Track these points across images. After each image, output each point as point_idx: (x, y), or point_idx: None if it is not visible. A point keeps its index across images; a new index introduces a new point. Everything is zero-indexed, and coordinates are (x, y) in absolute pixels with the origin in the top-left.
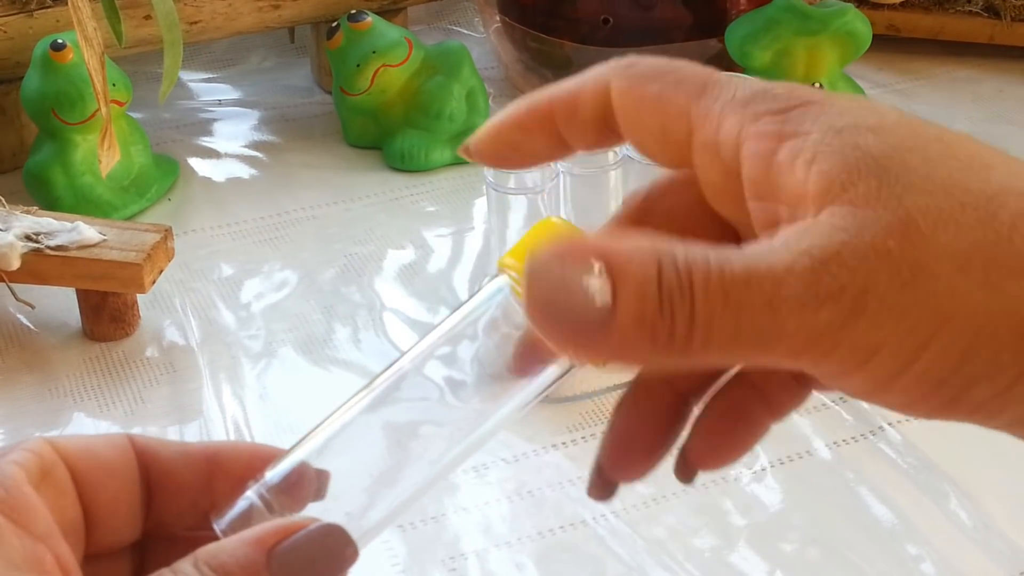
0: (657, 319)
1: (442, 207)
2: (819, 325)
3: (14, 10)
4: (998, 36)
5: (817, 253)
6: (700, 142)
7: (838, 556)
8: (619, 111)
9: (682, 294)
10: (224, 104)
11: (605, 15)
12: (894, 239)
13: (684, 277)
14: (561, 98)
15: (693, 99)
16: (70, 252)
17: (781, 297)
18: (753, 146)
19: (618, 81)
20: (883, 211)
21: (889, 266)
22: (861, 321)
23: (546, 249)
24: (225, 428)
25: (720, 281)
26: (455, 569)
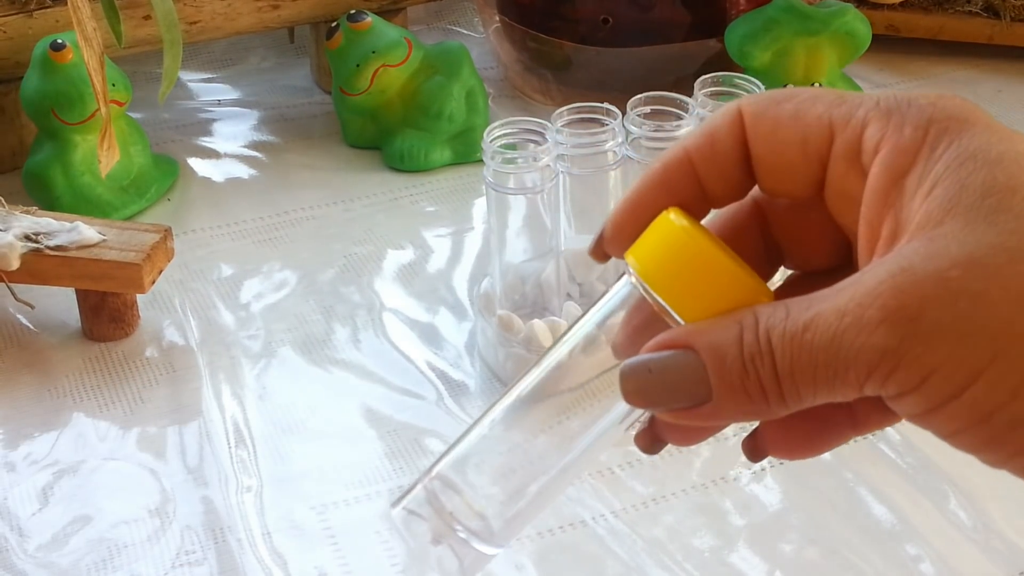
0: (746, 381)
1: (441, 207)
2: (877, 346)
3: (13, 10)
4: (997, 36)
5: (876, 281)
6: (841, 146)
7: (837, 556)
8: (755, 134)
9: (762, 355)
10: (223, 104)
11: (604, 15)
12: (958, 269)
13: (763, 338)
14: (696, 141)
15: (834, 107)
16: (69, 252)
17: (843, 327)
18: (888, 158)
19: (750, 107)
20: (955, 245)
21: (947, 294)
22: (916, 344)
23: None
24: (224, 428)
25: (793, 331)
26: None
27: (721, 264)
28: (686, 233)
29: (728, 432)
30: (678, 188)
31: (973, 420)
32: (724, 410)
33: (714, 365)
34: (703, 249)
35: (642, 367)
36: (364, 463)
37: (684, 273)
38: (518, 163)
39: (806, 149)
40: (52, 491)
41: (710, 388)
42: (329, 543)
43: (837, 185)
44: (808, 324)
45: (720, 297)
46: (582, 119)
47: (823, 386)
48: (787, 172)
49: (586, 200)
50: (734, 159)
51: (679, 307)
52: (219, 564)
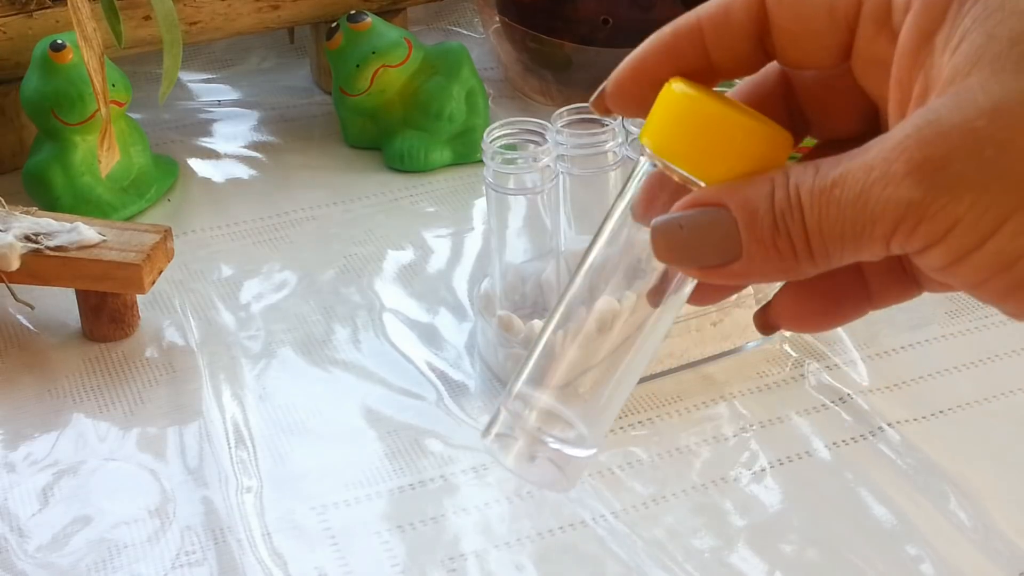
0: (776, 238)
1: (441, 208)
2: (903, 199)
3: (13, 10)
4: None
5: (903, 135)
6: (870, 7)
7: (838, 557)
8: (776, 6)
9: (791, 210)
10: (223, 105)
11: (605, 15)
12: (984, 119)
13: (793, 195)
14: (710, 9)
15: None
16: (69, 253)
17: (871, 181)
18: (918, 15)
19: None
20: (982, 94)
21: (973, 143)
22: (941, 195)
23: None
24: (224, 428)
25: (822, 187)
26: (455, 570)
27: (735, 122)
28: (692, 99)
29: (728, 432)
30: (684, 55)
31: (997, 268)
32: (754, 267)
33: (745, 221)
34: (713, 110)
35: (673, 223)
36: (364, 463)
37: (700, 139)
38: (518, 163)
39: (834, 14)
40: (52, 492)
41: (741, 245)
42: (329, 543)
43: (866, 50)
44: (837, 180)
45: (740, 154)
46: (582, 119)
47: (851, 242)
48: (813, 40)
49: (586, 200)
50: (747, 32)
51: (701, 172)
52: (219, 564)
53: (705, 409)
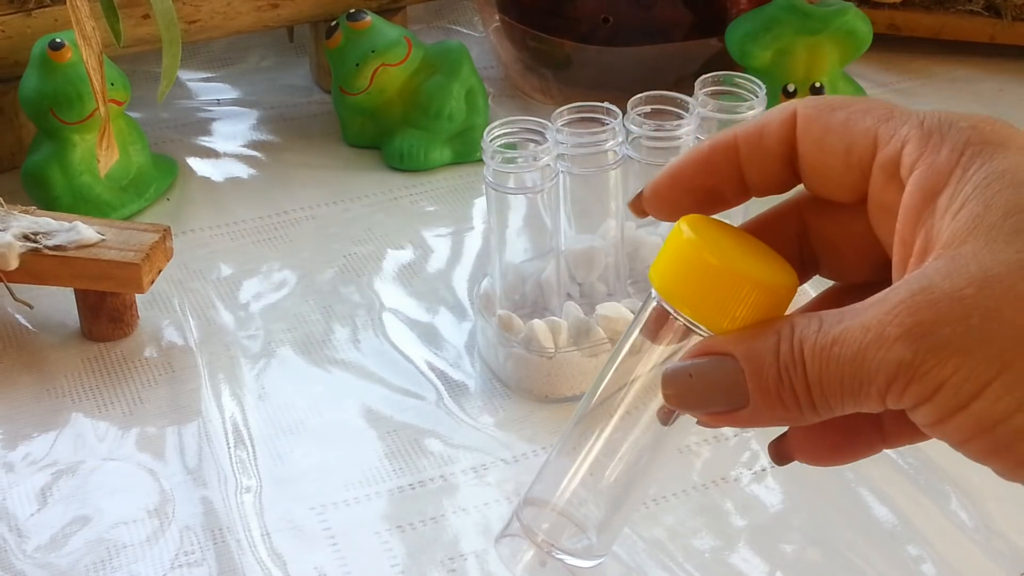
0: (781, 389)
1: (441, 207)
2: (894, 360)
3: (12, 9)
4: (999, 35)
5: (898, 300)
6: (882, 160)
7: (838, 557)
8: (804, 136)
9: (795, 365)
10: (223, 104)
11: (605, 14)
12: (973, 287)
13: (796, 349)
14: (747, 129)
15: (881, 121)
16: (68, 252)
17: (867, 342)
18: (923, 177)
19: (805, 110)
20: (973, 263)
21: (961, 310)
22: (930, 358)
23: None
24: (224, 428)
25: (823, 345)
26: (454, 570)
27: (740, 278)
28: (699, 249)
29: (728, 432)
30: (719, 169)
31: (979, 430)
32: (760, 415)
33: (752, 372)
34: (719, 265)
35: (682, 372)
36: (364, 463)
37: (705, 292)
38: (518, 163)
39: (849, 158)
40: (51, 491)
41: (747, 394)
42: (329, 543)
43: (877, 197)
44: (837, 338)
45: (746, 307)
46: (582, 118)
47: (849, 397)
48: (831, 177)
49: (586, 200)
50: (779, 155)
51: (707, 323)
52: (218, 565)
53: None
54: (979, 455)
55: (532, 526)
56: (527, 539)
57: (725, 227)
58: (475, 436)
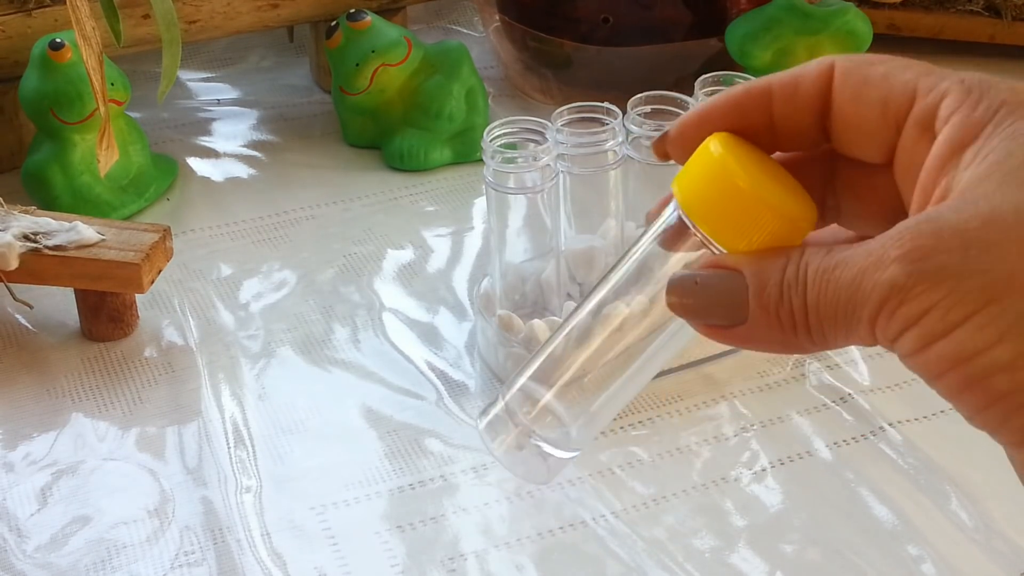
0: (780, 308)
1: (441, 207)
2: (888, 281)
3: (12, 9)
4: (999, 35)
5: (903, 227)
6: (919, 112)
7: (838, 557)
8: (841, 88)
9: (797, 284)
10: (223, 103)
11: (605, 14)
12: (978, 221)
13: (801, 270)
14: (782, 78)
15: (922, 76)
16: (68, 252)
17: (866, 264)
18: (954, 128)
19: (844, 63)
20: (983, 201)
21: (961, 240)
22: (922, 280)
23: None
24: (224, 428)
25: (826, 267)
26: (454, 570)
27: (764, 203)
28: (726, 168)
29: (728, 432)
30: (749, 113)
31: (957, 360)
32: (756, 334)
33: (756, 288)
34: (744, 187)
35: (688, 279)
36: (364, 463)
37: (727, 211)
38: (518, 162)
39: (886, 110)
40: (51, 491)
41: (748, 310)
42: (329, 543)
43: (908, 151)
44: (840, 262)
45: (764, 233)
46: (582, 118)
47: (842, 323)
48: (864, 130)
49: (586, 200)
50: (812, 106)
51: (723, 241)
52: (218, 565)
53: (706, 409)
54: (952, 390)
55: (515, 409)
56: (509, 420)
57: (753, 150)
58: (475, 436)
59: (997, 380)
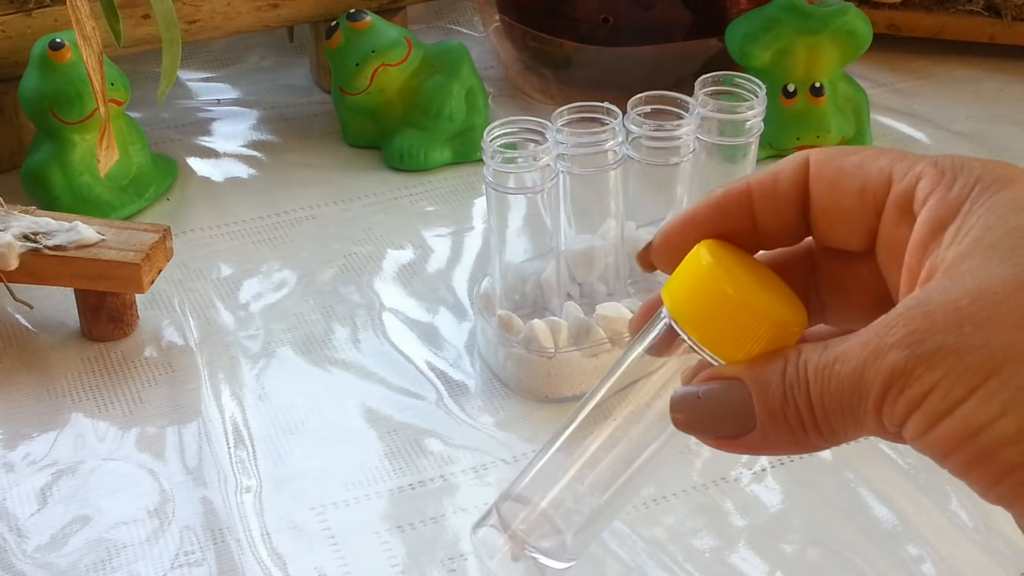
0: (786, 409)
1: (441, 207)
2: (887, 368)
3: (12, 9)
4: (999, 35)
5: (895, 314)
6: (896, 195)
7: (838, 557)
8: (817, 179)
9: (799, 383)
10: (223, 104)
11: (605, 14)
12: (967, 299)
13: (801, 369)
14: (760, 176)
15: (896, 161)
16: (68, 252)
17: (865, 355)
18: (933, 209)
19: (818, 155)
20: (970, 278)
21: (955, 319)
22: (921, 363)
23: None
24: (224, 428)
25: (825, 362)
26: (454, 570)
27: (755, 311)
28: (716, 277)
29: None
30: (732, 215)
31: (963, 436)
32: (767, 438)
33: (759, 394)
34: (735, 296)
35: (691, 395)
36: (364, 463)
37: (720, 322)
38: (518, 163)
39: (864, 196)
40: (51, 491)
41: (755, 418)
42: (329, 543)
43: (889, 236)
44: (838, 356)
45: (758, 341)
46: (582, 118)
47: (849, 414)
48: (844, 219)
49: (586, 200)
50: (792, 199)
51: (719, 352)
52: (218, 565)
53: None
54: (962, 468)
55: (510, 520)
56: (504, 532)
57: (740, 254)
58: (475, 436)
59: (1005, 453)
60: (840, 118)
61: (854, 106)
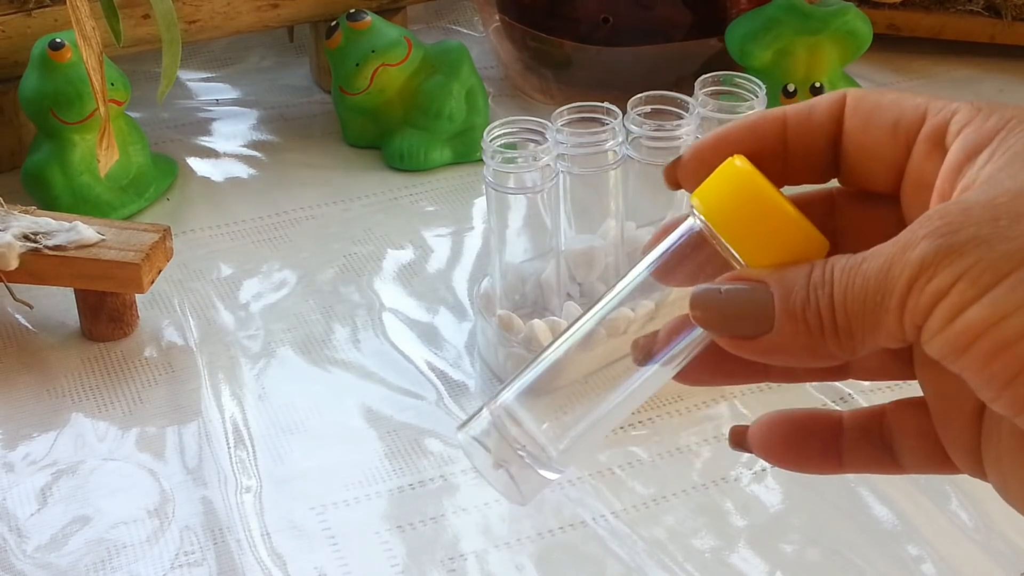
0: (807, 310)
1: (441, 207)
2: (917, 258)
3: (12, 9)
4: (999, 35)
5: (931, 211)
6: (929, 129)
7: (838, 557)
8: (854, 112)
9: (823, 284)
10: (223, 103)
11: (605, 14)
12: (1006, 196)
13: (827, 271)
14: (796, 106)
15: (932, 100)
16: (68, 252)
17: (895, 250)
18: (967, 137)
19: (856, 92)
20: (1010, 181)
21: (991, 213)
22: (952, 252)
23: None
24: (224, 428)
25: (853, 262)
26: (454, 570)
27: (790, 218)
28: (755, 182)
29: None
30: (765, 137)
31: (985, 325)
32: (782, 342)
33: (781, 295)
34: (773, 200)
35: (713, 291)
36: (364, 463)
37: (754, 223)
38: (518, 163)
39: (896, 130)
40: (51, 491)
41: (773, 318)
42: (329, 543)
43: (917, 169)
44: (867, 255)
45: (788, 249)
46: (582, 118)
47: (871, 314)
48: (874, 153)
49: (586, 200)
50: (826, 130)
51: (747, 254)
52: (218, 565)
53: (706, 409)
54: (979, 363)
55: (501, 423)
56: (494, 433)
57: (766, 178)
58: None
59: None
60: None
61: None
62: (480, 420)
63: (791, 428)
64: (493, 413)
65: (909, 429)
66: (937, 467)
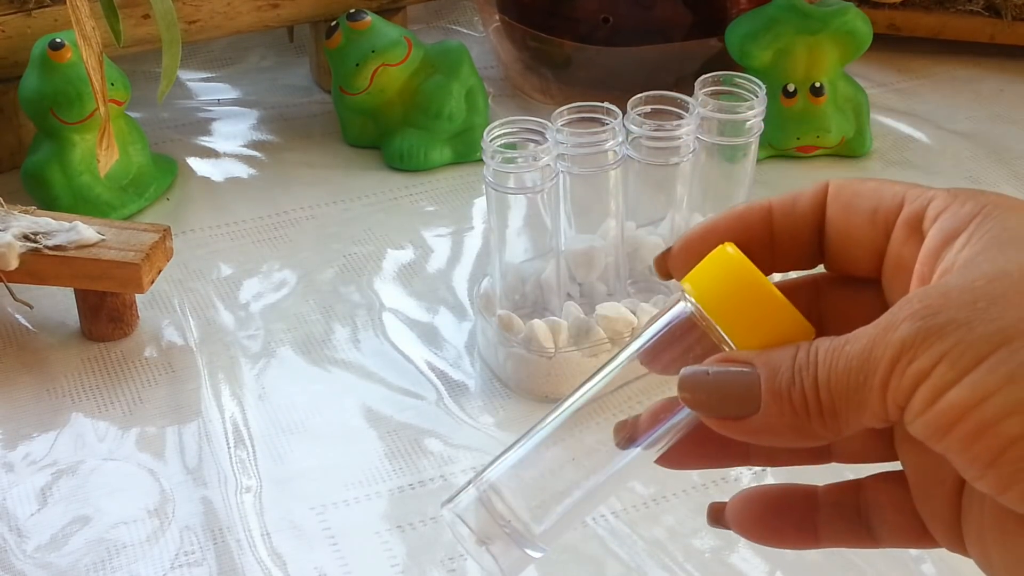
0: (792, 391)
1: (441, 207)
2: (898, 341)
3: (12, 9)
4: (999, 35)
5: (911, 295)
6: (907, 215)
7: (839, 557)
8: (835, 200)
9: (808, 366)
10: (223, 103)
11: (605, 14)
12: (983, 279)
13: (812, 352)
14: (780, 198)
15: (910, 187)
16: (68, 252)
17: (876, 332)
18: (945, 222)
19: (838, 181)
20: (987, 264)
21: (969, 296)
22: (932, 335)
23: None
24: (224, 428)
25: (836, 344)
26: (454, 570)
27: (780, 305)
28: (745, 268)
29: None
30: (752, 227)
31: (967, 407)
32: (770, 422)
33: (767, 376)
34: (762, 287)
35: (701, 372)
36: (364, 463)
37: (744, 307)
38: (518, 162)
39: (876, 217)
40: (51, 491)
41: (760, 400)
42: (329, 543)
43: (896, 253)
44: (850, 338)
45: (777, 333)
46: (582, 118)
47: (855, 394)
48: (855, 239)
49: (586, 200)
50: (810, 219)
51: (736, 337)
52: (218, 565)
53: None
54: (962, 444)
55: (487, 502)
56: (480, 512)
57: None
58: (475, 436)
59: (1008, 424)
60: (840, 118)
61: (854, 106)
62: (466, 495)
63: (767, 504)
64: (479, 489)
65: (887, 503)
66: (915, 541)
